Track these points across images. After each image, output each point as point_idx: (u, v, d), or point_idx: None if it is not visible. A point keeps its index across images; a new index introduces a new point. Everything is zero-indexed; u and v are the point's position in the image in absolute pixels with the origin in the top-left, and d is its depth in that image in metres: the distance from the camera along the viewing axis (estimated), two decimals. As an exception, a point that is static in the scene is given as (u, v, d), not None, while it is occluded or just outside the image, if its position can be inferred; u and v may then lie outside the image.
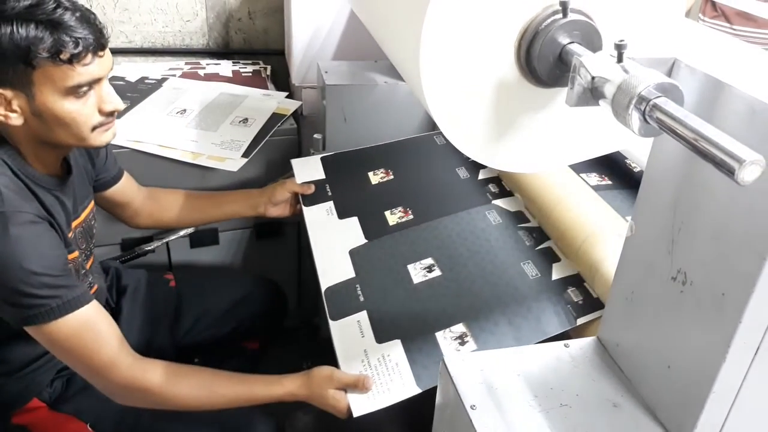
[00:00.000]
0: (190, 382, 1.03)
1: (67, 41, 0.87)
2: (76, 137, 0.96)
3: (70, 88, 0.91)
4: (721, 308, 0.56)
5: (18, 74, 0.88)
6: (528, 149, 0.70)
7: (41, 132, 0.95)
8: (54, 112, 0.92)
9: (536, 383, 0.70)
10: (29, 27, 0.85)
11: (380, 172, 1.40)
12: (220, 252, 1.73)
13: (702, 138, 0.45)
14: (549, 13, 0.61)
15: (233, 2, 2.06)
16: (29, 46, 0.85)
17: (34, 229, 0.93)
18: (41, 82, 0.89)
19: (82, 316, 0.95)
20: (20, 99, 0.90)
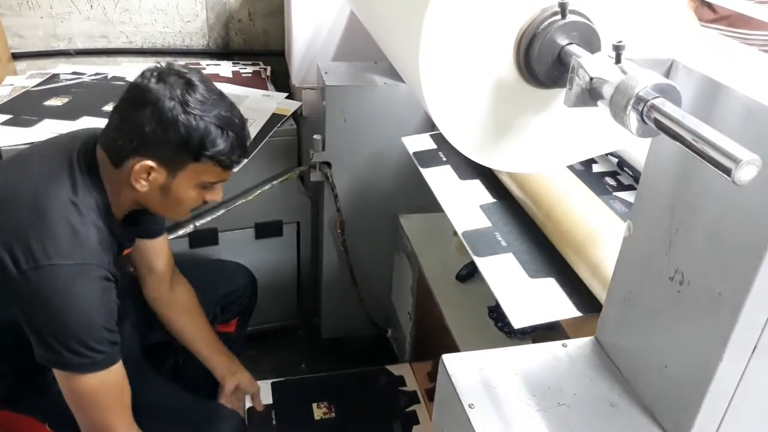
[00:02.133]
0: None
1: (235, 156, 1.00)
2: (176, 213, 1.07)
3: (207, 184, 1.02)
4: (718, 308, 0.56)
5: (178, 158, 0.97)
6: (527, 149, 0.71)
7: (150, 200, 1.03)
8: (179, 196, 1.01)
9: (534, 382, 0.70)
10: (218, 131, 0.96)
11: (323, 406, 1.54)
12: (219, 251, 1.73)
13: (699, 138, 0.45)
14: (548, 15, 0.61)
15: (233, 3, 2.06)
16: (207, 144, 0.95)
17: (107, 286, 0.99)
18: (190, 172, 0.98)
19: (113, 374, 1.00)
20: (160, 174, 0.98)
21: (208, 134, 0.95)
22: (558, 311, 0.89)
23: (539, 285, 0.95)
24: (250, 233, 1.75)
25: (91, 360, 0.96)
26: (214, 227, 1.67)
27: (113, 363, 0.99)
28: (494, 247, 1.03)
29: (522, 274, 0.97)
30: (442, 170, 1.27)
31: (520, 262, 1.00)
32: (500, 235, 1.07)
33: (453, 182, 1.23)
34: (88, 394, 0.99)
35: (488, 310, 1.31)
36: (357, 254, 1.71)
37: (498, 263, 1.00)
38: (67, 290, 0.93)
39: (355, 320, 1.82)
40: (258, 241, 1.77)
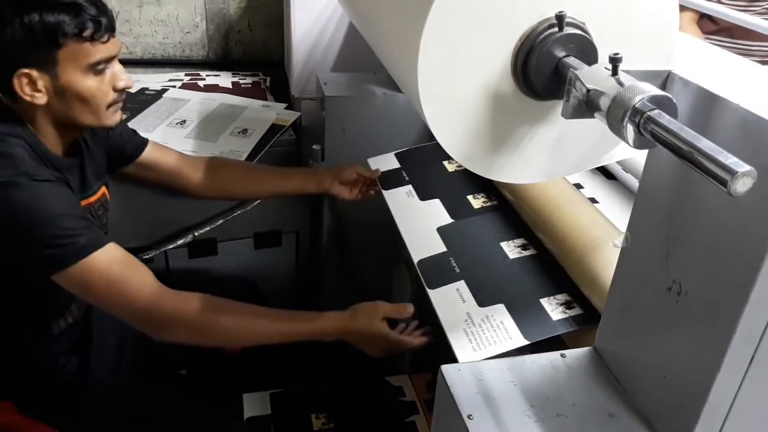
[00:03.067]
0: (233, 314, 1.06)
1: (88, 21, 0.97)
2: (94, 114, 1.03)
3: (91, 65, 0.99)
4: (716, 318, 0.56)
5: (44, 55, 0.96)
6: (524, 161, 0.71)
7: (61, 111, 1.02)
8: (76, 89, 1.00)
9: (532, 393, 0.70)
10: (55, 11, 0.94)
11: (322, 417, 1.46)
12: (218, 262, 1.73)
13: (695, 150, 0.45)
14: (545, 27, 0.62)
15: (233, 14, 2.07)
16: (56, 27, 0.94)
17: (53, 186, 0.99)
18: (65, 61, 0.97)
19: (111, 253, 0.99)
20: (44, 79, 0.98)
21: (45, 16, 0.94)
22: (504, 343, 0.90)
23: (488, 313, 0.95)
24: (250, 243, 1.76)
25: (74, 246, 0.96)
26: (213, 237, 1.68)
27: (104, 243, 0.99)
28: (447, 275, 1.05)
29: (472, 303, 0.98)
30: (404, 191, 1.30)
31: (471, 289, 1.01)
32: (454, 260, 1.08)
33: (413, 204, 1.25)
34: (99, 277, 0.98)
35: (487, 320, 1.31)
36: (356, 264, 1.71)
37: (449, 294, 1.01)
38: (11, 203, 0.94)
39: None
40: (257, 251, 1.77)
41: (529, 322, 0.92)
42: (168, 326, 1.03)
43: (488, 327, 0.93)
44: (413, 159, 1.43)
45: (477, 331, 0.93)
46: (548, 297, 0.95)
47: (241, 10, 2.07)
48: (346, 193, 1.42)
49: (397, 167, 1.39)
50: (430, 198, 1.25)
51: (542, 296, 0.96)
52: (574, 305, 0.93)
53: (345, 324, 1.07)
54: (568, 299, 0.94)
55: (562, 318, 0.91)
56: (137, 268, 1.03)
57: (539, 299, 0.95)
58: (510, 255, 1.06)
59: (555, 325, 0.90)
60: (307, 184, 1.43)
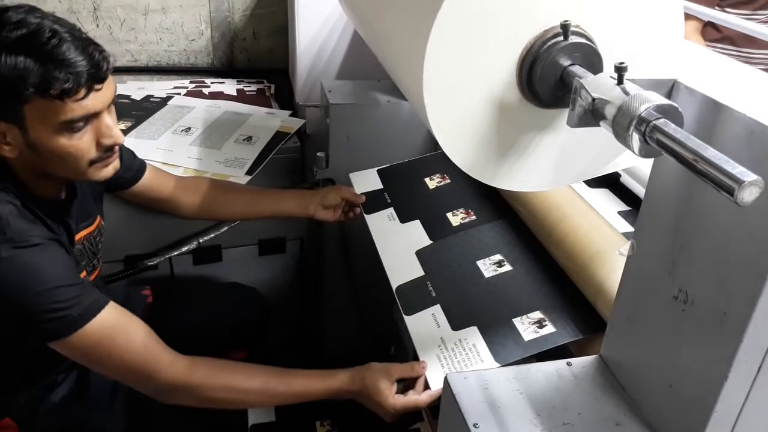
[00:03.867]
0: (243, 377, 1.00)
1: (57, 76, 0.82)
2: (73, 172, 0.94)
3: (63, 124, 0.87)
4: (723, 327, 0.56)
5: (9, 107, 0.85)
6: (529, 169, 0.71)
7: (38, 164, 0.93)
8: (48, 147, 0.88)
9: (538, 402, 0.70)
10: (19, 59, 0.81)
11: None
12: (223, 269, 1.73)
13: (701, 159, 0.45)
14: (550, 36, 0.62)
15: (238, 22, 2.08)
16: (17, 79, 0.81)
17: (43, 249, 0.91)
18: (33, 117, 0.85)
19: (107, 320, 0.93)
20: (13, 132, 0.87)
21: (16, 69, 0.81)
22: (475, 367, 0.90)
23: (462, 336, 0.96)
24: (254, 250, 1.76)
25: (66, 319, 0.90)
26: (217, 244, 1.68)
27: (98, 310, 0.92)
28: (424, 299, 1.06)
29: (446, 327, 0.99)
30: (385, 214, 1.31)
31: (446, 313, 1.02)
32: (431, 283, 1.09)
33: (394, 227, 1.27)
34: (91, 348, 0.92)
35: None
36: (360, 271, 1.71)
37: (424, 320, 1.02)
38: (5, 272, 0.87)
39: (357, 338, 1.82)
40: (261, 258, 1.78)
41: (501, 343, 0.93)
42: (174, 393, 0.98)
43: (460, 351, 0.94)
44: (395, 176, 1.44)
45: (449, 355, 0.94)
46: (521, 316, 0.96)
47: (246, 18, 2.08)
48: (330, 215, 1.40)
49: (379, 188, 1.40)
50: (410, 220, 1.27)
51: (515, 315, 0.97)
52: (546, 323, 0.94)
53: (353, 388, 1.00)
54: (540, 317, 0.95)
55: (534, 338, 0.92)
56: (135, 332, 0.96)
57: (512, 319, 0.96)
58: (485, 274, 1.07)
59: (527, 346, 0.91)
60: (294, 208, 1.40)
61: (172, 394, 0.99)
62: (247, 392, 1.00)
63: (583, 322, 0.92)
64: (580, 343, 0.91)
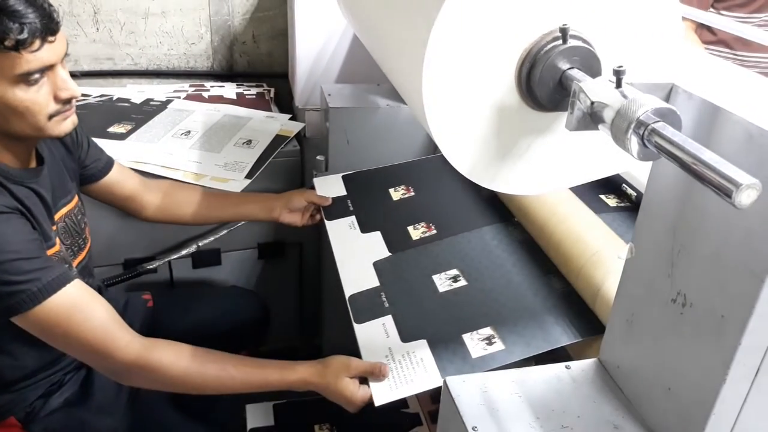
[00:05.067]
0: (200, 362, 0.99)
1: (11, 27, 0.84)
2: (32, 127, 0.94)
3: (20, 76, 0.88)
4: (721, 330, 0.56)
5: None
6: (528, 172, 0.71)
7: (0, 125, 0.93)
8: (5, 102, 0.89)
9: (537, 405, 0.70)
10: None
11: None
12: (222, 272, 1.73)
13: (699, 162, 0.46)
14: (549, 39, 0.62)
15: (238, 26, 2.09)
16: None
17: (6, 219, 0.91)
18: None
19: (68, 296, 0.92)
20: None
21: None
22: (420, 382, 0.90)
23: (410, 349, 0.96)
24: (253, 254, 1.76)
25: (24, 294, 0.89)
26: (217, 248, 1.68)
27: (59, 287, 0.91)
28: (376, 309, 1.06)
29: (396, 338, 0.99)
30: (347, 222, 1.31)
31: (396, 324, 1.02)
32: (386, 294, 1.09)
33: (354, 237, 1.27)
34: (50, 325, 0.92)
35: (491, 331, 1.30)
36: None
37: (374, 329, 1.02)
38: None
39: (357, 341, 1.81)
40: (261, 262, 1.78)
41: (449, 359, 0.93)
42: (129, 374, 0.98)
43: (407, 364, 0.94)
44: (360, 184, 1.44)
45: (396, 367, 0.94)
46: (471, 332, 0.96)
47: (245, 21, 2.08)
48: (296, 219, 1.39)
49: (342, 194, 1.40)
50: (371, 230, 1.27)
51: (465, 331, 0.97)
52: (495, 340, 0.94)
53: (313, 379, 0.99)
54: (490, 334, 0.95)
55: (482, 356, 0.92)
56: (95, 311, 0.95)
57: (462, 334, 0.96)
58: (440, 288, 1.07)
59: (474, 363, 0.91)
60: (258, 212, 1.40)
61: (128, 375, 0.99)
62: (204, 377, 0.99)
63: (536, 339, 0.92)
64: (579, 347, 0.91)
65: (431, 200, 1.34)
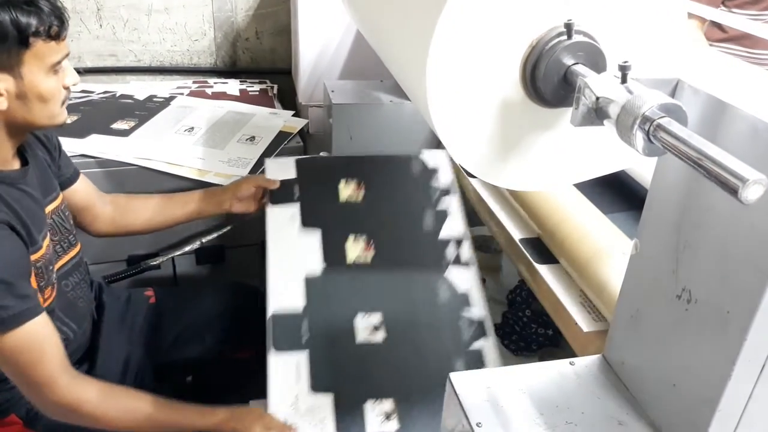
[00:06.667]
0: (124, 403, 1.04)
1: (53, 21, 0.95)
2: (51, 114, 1.01)
3: (54, 64, 0.98)
4: (726, 326, 0.56)
5: (10, 56, 0.93)
6: (533, 168, 0.71)
7: (18, 115, 0.98)
8: (39, 90, 0.97)
9: (541, 401, 0.70)
10: (22, 11, 0.92)
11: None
12: (225, 269, 1.73)
13: (705, 158, 0.45)
14: (554, 35, 0.62)
15: (241, 22, 2.08)
16: (27, 27, 0.92)
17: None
18: (30, 62, 0.95)
19: (29, 331, 0.95)
20: (7, 82, 0.94)
21: (16, 17, 0.92)
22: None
23: (315, 402, 0.97)
24: (257, 250, 1.76)
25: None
26: (220, 244, 1.68)
27: (28, 318, 0.94)
28: (295, 340, 1.05)
29: (305, 384, 1.00)
30: (289, 212, 1.26)
31: (310, 366, 1.02)
32: (308, 323, 1.08)
33: (293, 232, 1.23)
34: (7, 355, 0.95)
35: (494, 327, 1.30)
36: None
37: (288, 367, 1.02)
38: None
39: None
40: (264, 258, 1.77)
41: (347, 429, 0.94)
42: (57, 411, 1.02)
43: (308, 422, 0.95)
44: (312, 170, 1.38)
45: (299, 421, 0.95)
46: (375, 399, 0.97)
47: (248, 18, 2.08)
48: (247, 207, 1.36)
49: (292, 177, 1.34)
50: (312, 226, 1.23)
51: (371, 395, 0.98)
52: (393, 418, 0.95)
53: (231, 423, 1.03)
54: (391, 409, 0.96)
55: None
56: (51, 350, 0.99)
57: (368, 398, 0.97)
58: (358, 336, 1.07)
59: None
60: (207, 207, 1.37)
61: (56, 413, 1.03)
62: (127, 421, 1.04)
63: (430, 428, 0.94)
64: (583, 343, 0.91)
65: (379, 209, 1.29)
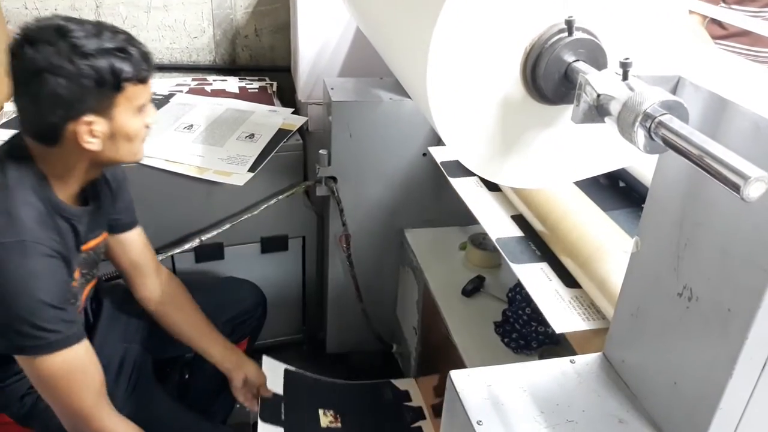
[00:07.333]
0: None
1: (143, 65, 1.00)
2: (134, 151, 1.05)
3: (141, 106, 1.02)
4: (727, 324, 0.56)
5: (105, 100, 0.97)
6: (533, 165, 0.71)
7: (107, 154, 1.01)
8: (127, 130, 1.01)
9: (542, 399, 0.70)
10: (117, 58, 0.96)
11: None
12: (225, 266, 1.73)
13: (707, 155, 0.45)
14: (554, 32, 0.62)
15: (240, 19, 2.08)
16: (121, 72, 0.96)
17: (50, 263, 0.97)
18: (122, 104, 0.98)
19: (73, 356, 0.99)
20: (101, 124, 0.98)
21: (112, 63, 0.95)
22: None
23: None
24: (256, 248, 1.76)
25: (44, 341, 0.95)
26: (219, 242, 1.68)
27: (72, 343, 0.98)
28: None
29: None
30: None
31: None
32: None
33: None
34: (49, 377, 0.98)
35: (494, 325, 1.30)
36: (362, 269, 1.71)
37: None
38: (3, 269, 0.93)
39: (360, 335, 1.82)
40: (264, 256, 1.78)
41: None
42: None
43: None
44: (299, 388, 1.49)
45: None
46: None
47: (248, 15, 2.08)
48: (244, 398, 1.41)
49: (279, 394, 1.44)
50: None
51: None
52: None
53: None
54: None
55: None
56: (90, 377, 1.03)
57: None
58: None
59: None
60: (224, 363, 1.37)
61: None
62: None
63: None
64: (583, 341, 0.91)
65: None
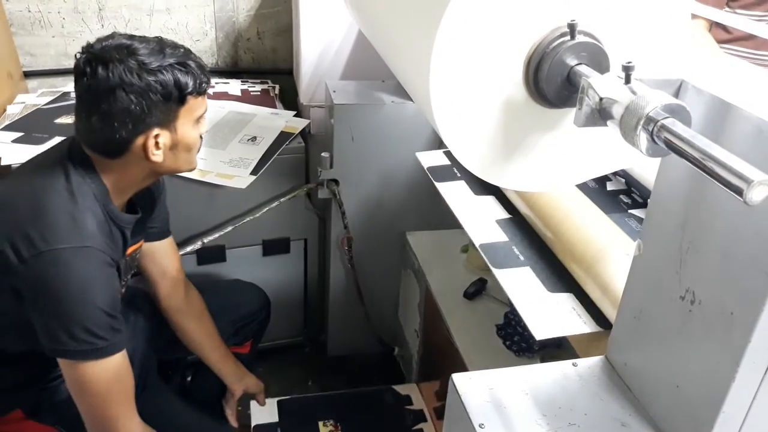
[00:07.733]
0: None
1: (202, 78, 1.04)
2: (191, 160, 1.10)
3: (199, 117, 1.07)
4: (730, 328, 0.56)
5: (170, 113, 1.01)
6: (536, 168, 0.71)
7: (167, 164, 1.05)
8: (186, 141, 1.05)
9: (544, 402, 0.70)
10: (180, 72, 1.00)
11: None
12: (227, 268, 1.73)
13: (710, 158, 0.45)
14: (557, 35, 0.62)
15: (242, 22, 2.08)
16: (185, 85, 1.00)
17: (109, 271, 1.00)
18: (183, 116, 1.03)
19: (116, 363, 1.01)
20: (165, 136, 1.02)
21: (177, 77, 0.99)
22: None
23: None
24: (258, 250, 1.76)
25: (92, 346, 0.97)
26: (221, 244, 1.68)
27: (116, 352, 1.00)
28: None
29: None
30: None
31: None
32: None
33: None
34: (90, 382, 1.00)
35: (496, 328, 1.30)
36: (364, 271, 1.71)
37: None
38: (68, 272, 0.95)
39: (361, 338, 1.82)
40: (265, 258, 1.78)
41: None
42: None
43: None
44: (294, 407, 1.53)
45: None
46: None
47: (250, 18, 2.08)
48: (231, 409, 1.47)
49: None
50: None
51: None
52: None
53: None
54: None
55: None
56: (130, 384, 1.06)
57: None
58: None
59: None
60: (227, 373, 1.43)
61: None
62: None
63: None
64: (585, 344, 0.91)
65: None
